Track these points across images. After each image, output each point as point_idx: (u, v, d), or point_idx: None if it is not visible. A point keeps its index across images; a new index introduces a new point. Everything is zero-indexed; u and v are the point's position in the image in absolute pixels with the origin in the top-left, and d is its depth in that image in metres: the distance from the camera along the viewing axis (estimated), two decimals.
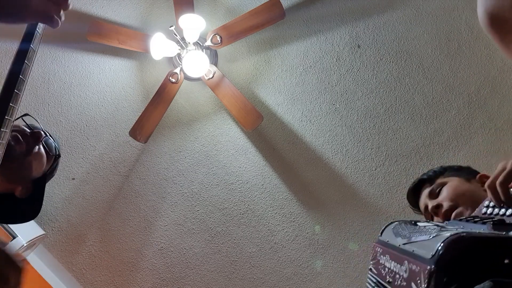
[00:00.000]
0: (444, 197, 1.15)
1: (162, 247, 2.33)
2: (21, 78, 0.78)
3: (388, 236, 0.77)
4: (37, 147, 1.11)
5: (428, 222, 0.77)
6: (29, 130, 1.12)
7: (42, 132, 1.13)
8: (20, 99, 0.80)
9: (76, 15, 2.18)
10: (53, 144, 1.18)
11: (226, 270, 2.34)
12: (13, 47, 2.13)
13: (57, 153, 1.19)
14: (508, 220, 0.72)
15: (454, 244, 0.52)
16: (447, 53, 2.19)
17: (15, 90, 0.78)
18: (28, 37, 0.80)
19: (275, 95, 2.28)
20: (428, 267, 0.52)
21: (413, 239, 0.64)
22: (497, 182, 0.76)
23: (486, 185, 0.80)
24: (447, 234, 0.55)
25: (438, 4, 2.17)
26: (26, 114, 1.15)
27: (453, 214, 1.10)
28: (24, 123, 1.13)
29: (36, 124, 1.17)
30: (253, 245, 2.33)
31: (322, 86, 2.25)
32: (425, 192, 1.23)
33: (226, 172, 2.32)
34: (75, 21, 2.17)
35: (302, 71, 2.25)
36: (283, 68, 2.26)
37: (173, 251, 2.33)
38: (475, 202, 0.98)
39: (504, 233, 0.58)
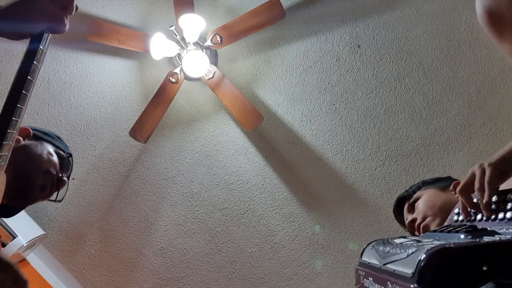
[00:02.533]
0: (418, 211, 1.19)
1: (162, 247, 2.33)
2: (29, 79, 0.78)
3: (368, 257, 0.76)
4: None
5: (404, 237, 0.78)
6: (59, 172, 1.12)
7: (66, 182, 1.14)
8: (27, 101, 0.80)
9: (76, 15, 2.17)
10: (64, 193, 1.20)
11: (226, 270, 2.34)
12: (12, 47, 2.13)
13: (61, 199, 1.21)
14: (479, 225, 0.73)
15: (433, 259, 0.52)
16: (447, 53, 2.19)
17: (23, 91, 0.77)
18: (37, 37, 0.81)
19: (275, 95, 2.28)
20: (411, 286, 0.52)
21: (392, 258, 0.63)
22: (458, 190, 0.78)
23: (457, 190, 0.81)
24: (425, 248, 0.54)
25: (438, 4, 2.17)
26: (70, 155, 1.17)
27: (421, 226, 1.13)
28: (58, 159, 1.13)
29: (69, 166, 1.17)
30: (253, 245, 2.33)
31: (322, 86, 2.25)
32: (405, 208, 1.28)
33: (226, 172, 2.32)
34: (75, 21, 2.16)
35: (302, 71, 2.25)
36: (283, 68, 2.26)
37: (173, 251, 2.33)
38: (447, 210, 1.02)
39: (478, 240, 0.58)
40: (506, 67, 2.15)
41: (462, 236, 0.63)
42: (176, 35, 1.97)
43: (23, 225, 2.00)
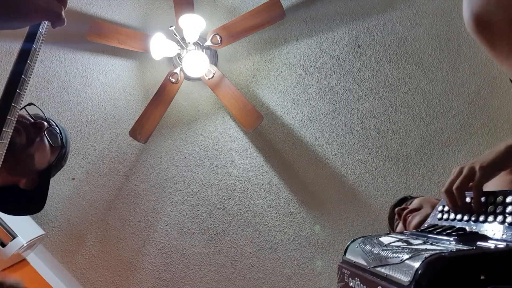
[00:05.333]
0: (413, 203, 1.26)
1: (162, 247, 2.33)
2: (23, 78, 0.77)
3: (353, 256, 0.73)
4: (39, 138, 1.08)
5: (390, 235, 0.75)
6: (31, 120, 1.08)
7: (45, 123, 1.09)
8: (22, 100, 0.79)
9: (76, 15, 2.18)
10: (58, 135, 1.15)
11: (226, 270, 2.34)
12: (12, 47, 2.13)
13: (61, 144, 1.16)
14: (467, 227, 0.72)
15: (431, 268, 0.51)
16: (447, 53, 2.19)
17: (18, 90, 0.77)
18: (30, 37, 0.79)
19: (275, 95, 2.28)
20: None
21: (383, 261, 0.62)
22: (454, 187, 0.77)
23: (442, 190, 0.80)
24: (421, 256, 0.53)
25: (438, 4, 2.17)
26: (30, 103, 1.12)
27: (407, 216, 1.17)
28: (27, 113, 1.10)
29: (41, 114, 1.13)
30: (253, 245, 2.33)
31: (322, 86, 2.25)
32: (403, 205, 1.33)
33: (226, 172, 2.32)
34: (75, 21, 2.16)
35: (302, 71, 2.25)
36: (283, 68, 2.26)
37: (173, 251, 2.33)
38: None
39: (473, 247, 0.58)
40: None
41: (453, 241, 0.62)
42: (176, 35, 1.97)
43: (23, 225, 1.99)
